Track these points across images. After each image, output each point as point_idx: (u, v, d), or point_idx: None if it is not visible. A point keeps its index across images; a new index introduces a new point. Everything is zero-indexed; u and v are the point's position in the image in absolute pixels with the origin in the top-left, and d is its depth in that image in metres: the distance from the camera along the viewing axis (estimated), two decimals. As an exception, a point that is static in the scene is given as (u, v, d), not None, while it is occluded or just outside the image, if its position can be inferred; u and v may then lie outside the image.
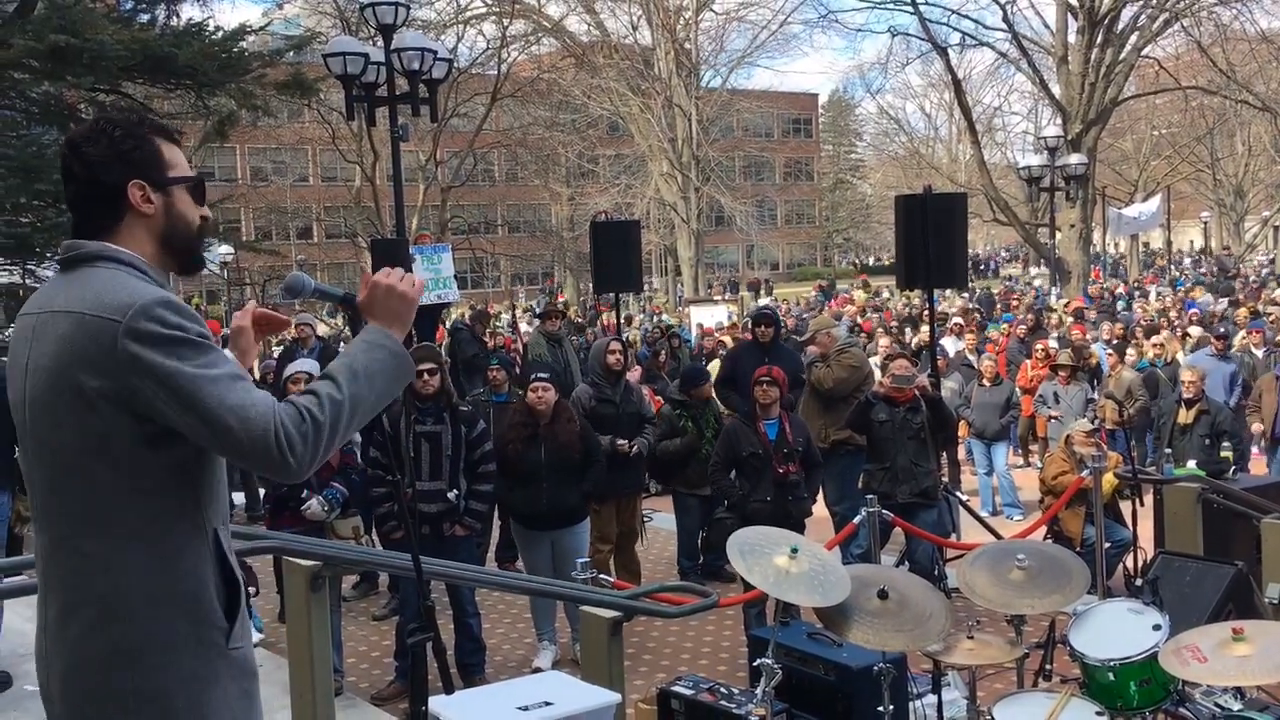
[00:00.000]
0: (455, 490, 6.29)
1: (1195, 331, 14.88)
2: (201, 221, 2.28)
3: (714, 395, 8.89)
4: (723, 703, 4.24)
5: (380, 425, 6.20)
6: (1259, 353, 12.65)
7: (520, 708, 3.68)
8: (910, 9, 28.50)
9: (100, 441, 2.05)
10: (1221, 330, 12.83)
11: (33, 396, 2.11)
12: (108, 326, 2.02)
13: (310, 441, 2.04)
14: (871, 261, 71.74)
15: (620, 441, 7.66)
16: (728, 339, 16.64)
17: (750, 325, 10.22)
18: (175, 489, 2.11)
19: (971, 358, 12.94)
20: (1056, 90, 28.87)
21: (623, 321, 13.13)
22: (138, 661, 2.08)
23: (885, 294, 34.48)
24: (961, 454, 12.39)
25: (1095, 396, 11.44)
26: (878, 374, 8.79)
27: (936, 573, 6.84)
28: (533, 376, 6.93)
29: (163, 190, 2.20)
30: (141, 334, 2.01)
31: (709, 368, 10.83)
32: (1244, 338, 13.31)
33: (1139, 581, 5.52)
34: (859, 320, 22.06)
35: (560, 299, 41.07)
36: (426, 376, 6.25)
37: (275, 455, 2.00)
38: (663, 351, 14.41)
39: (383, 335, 2.20)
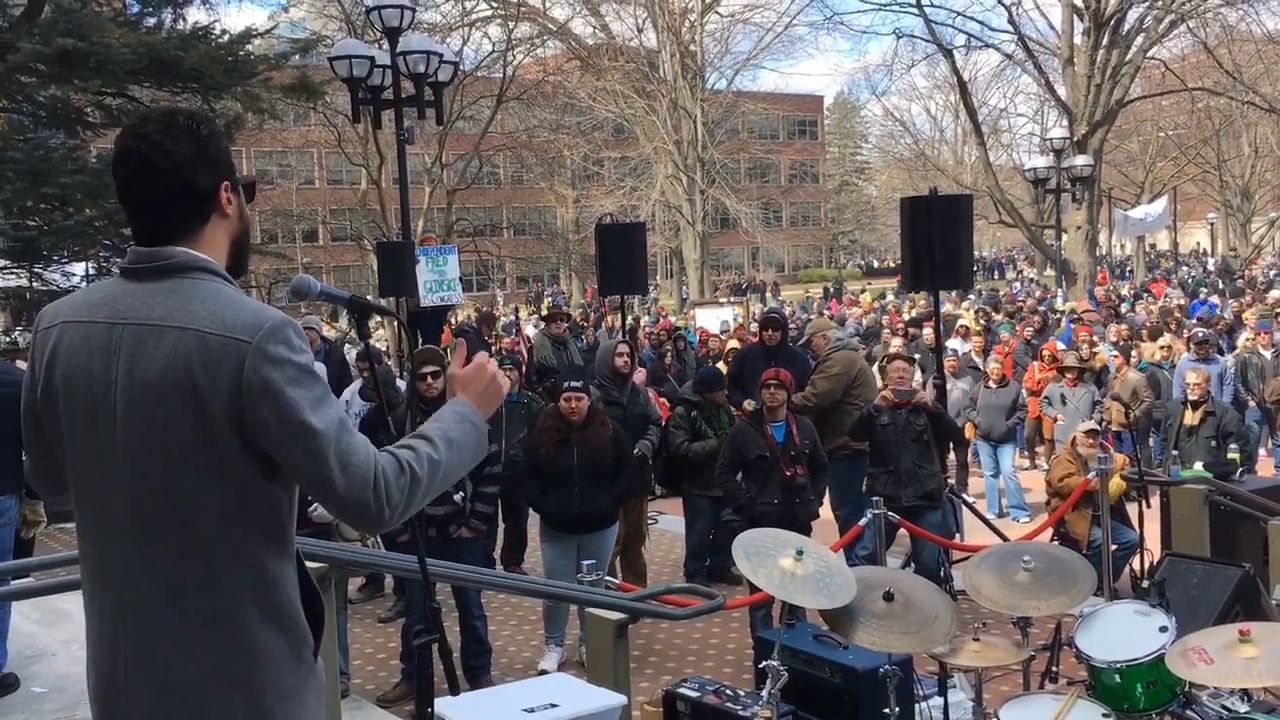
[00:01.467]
0: (461, 493, 6.30)
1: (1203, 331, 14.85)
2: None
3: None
4: (728, 705, 4.23)
5: (386, 428, 6.22)
6: (1267, 354, 12.63)
7: (526, 710, 3.68)
8: (916, 11, 28.53)
9: (218, 464, 1.99)
10: (1201, 335, 12.82)
11: (129, 412, 2.01)
12: (236, 347, 1.96)
13: (406, 495, 2.03)
14: (877, 264, 71.69)
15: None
16: (735, 343, 16.61)
17: (758, 328, 10.20)
18: (276, 512, 2.08)
19: (978, 360, 12.92)
20: (1062, 92, 28.85)
21: (629, 323, 13.10)
22: (244, 681, 2.04)
23: (889, 296, 34.46)
24: (968, 456, 12.38)
25: (1101, 398, 11.41)
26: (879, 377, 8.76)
27: (942, 574, 6.84)
28: (566, 386, 6.93)
29: (237, 191, 2.16)
30: (273, 358, 1.96)
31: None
32: (1249, 339, 13.28)
33: (1145, 583, 5.51)
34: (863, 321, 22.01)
35: (588, 296, 40.96)
36: (430, 380, 6.27)
37: (370, 507, 1.98)
38: (668, 354, 14.42)
39: (474, 413, 2.23)
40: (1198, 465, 8.67)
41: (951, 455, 11.69)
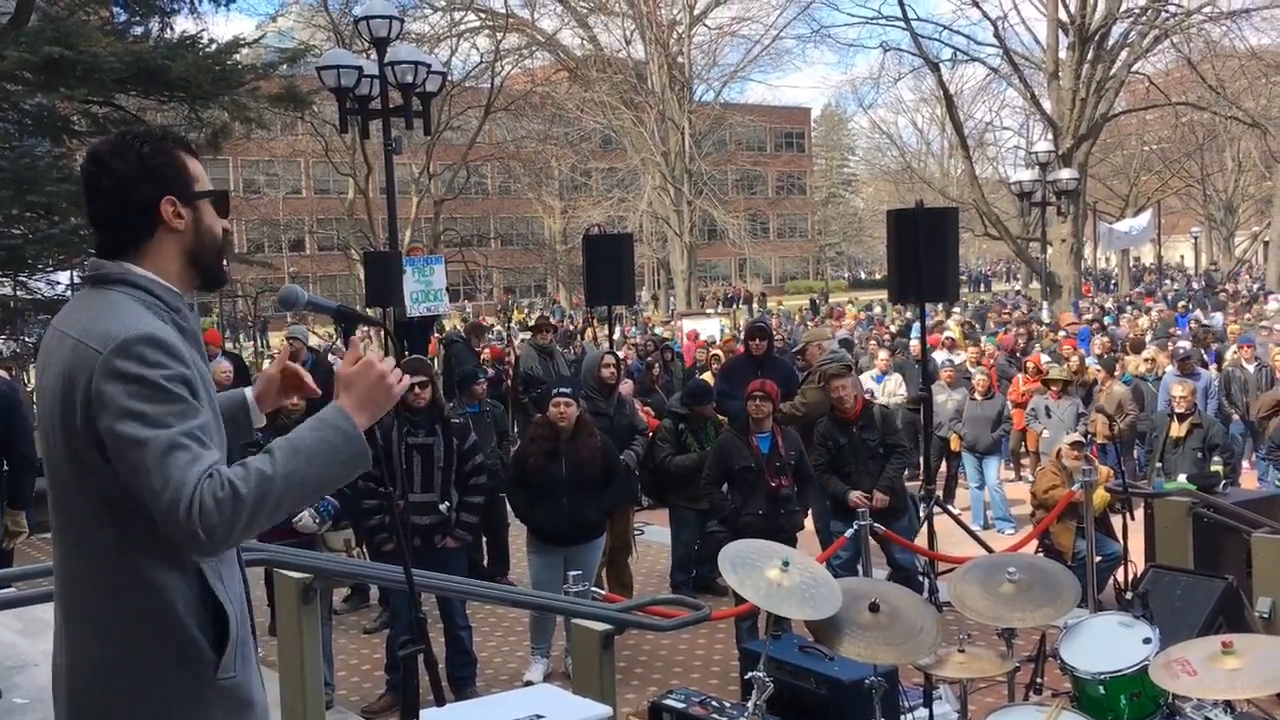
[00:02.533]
0: (447, 502, 6.29)
1: (1186, 346, 14.93)
2: (224, 233, 2.27)
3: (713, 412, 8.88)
4: (714, 716, 4.23)
5: (373, 437, 6.22)
6: (1250, 368, 12.71)
7: (511, 721, 3.67)
8: (903, 25, 28.66)
9: (84, 471, 2.05)
10: (1182, 351, 12.89)
11: (41, 420, 2.14)
12: (91, 357, 2.01)
13: (226, 515, 1.94)
14: (863, 275, 71.88)
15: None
16: (721, 353, 16.61)
17: (745, 338, 10.21)
18: (150, 523, 2.04)
19: (972, 370, 12.94)
20: (1048, 105, 28.99)
21: (618, 335, 13.07)
22: (126, 684, 2.09)
23: (876, 308, 34.55)
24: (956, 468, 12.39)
25: (1086, 411, 11.46)
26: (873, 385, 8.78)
27: (926, 584, 6.86)
28: (555, 392, 6.92)
29: (191, 205, 2.19)
30: (113, 371, 1.98)
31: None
32: (1235, 352, 13.36)
33: (1129, 595, 5.52)
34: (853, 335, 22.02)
35: (575, 306, 40.78)
36: (418, 390, 6.26)
37: (184, 526, 1.93)
38: (656, 365, 14.42)
39: (341, 416, 2.10)
40: (1181, 477, 8.71)
41: (944, 467, 11.76)
